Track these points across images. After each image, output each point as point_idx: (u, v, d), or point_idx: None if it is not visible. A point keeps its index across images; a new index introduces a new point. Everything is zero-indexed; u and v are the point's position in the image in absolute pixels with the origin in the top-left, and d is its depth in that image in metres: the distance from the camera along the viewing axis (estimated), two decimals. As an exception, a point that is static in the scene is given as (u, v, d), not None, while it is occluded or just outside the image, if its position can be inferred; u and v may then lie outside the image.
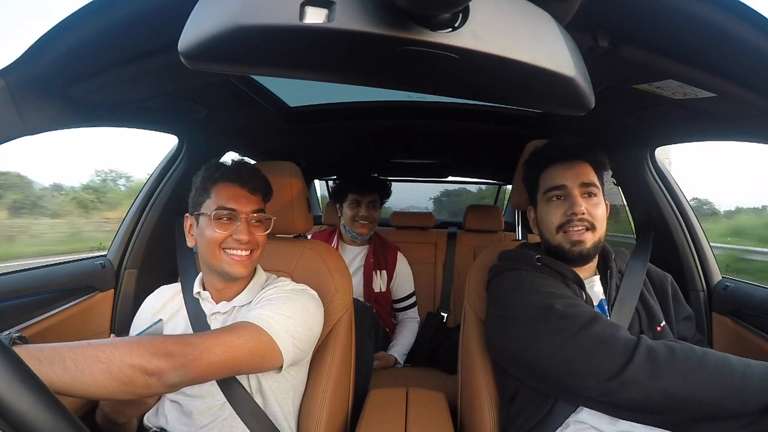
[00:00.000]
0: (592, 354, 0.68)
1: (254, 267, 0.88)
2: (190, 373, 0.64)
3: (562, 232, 0.84)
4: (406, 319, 1.77)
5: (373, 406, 1.00)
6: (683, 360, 0.64)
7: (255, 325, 0.75)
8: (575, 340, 0.69)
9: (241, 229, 0.83)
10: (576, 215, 0.82)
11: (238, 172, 0.86)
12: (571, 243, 0.83)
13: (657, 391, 0.62)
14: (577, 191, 0.83)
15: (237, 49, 0.31)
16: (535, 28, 0.33)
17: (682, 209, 1.25)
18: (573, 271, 0.84)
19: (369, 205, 1.69)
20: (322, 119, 1.44)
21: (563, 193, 0.85)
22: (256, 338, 0.73)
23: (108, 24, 0.57)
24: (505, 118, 1.38)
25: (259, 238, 0.86)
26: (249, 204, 0.85)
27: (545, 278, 0.82)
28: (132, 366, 0.59)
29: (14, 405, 0.37)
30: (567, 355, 0.69)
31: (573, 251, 0.83)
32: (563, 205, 0.84)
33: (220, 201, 0.84)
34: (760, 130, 0.80)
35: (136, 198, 1.35)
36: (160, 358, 0.61)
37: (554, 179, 0.86)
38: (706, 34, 0.53)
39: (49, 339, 1.03)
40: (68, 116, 0.76)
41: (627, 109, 0.97)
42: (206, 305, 0.89)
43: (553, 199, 0.86)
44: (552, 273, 0.84)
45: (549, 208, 0.86)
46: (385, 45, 0.31)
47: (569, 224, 0.83)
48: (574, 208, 0.82)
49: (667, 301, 0.89)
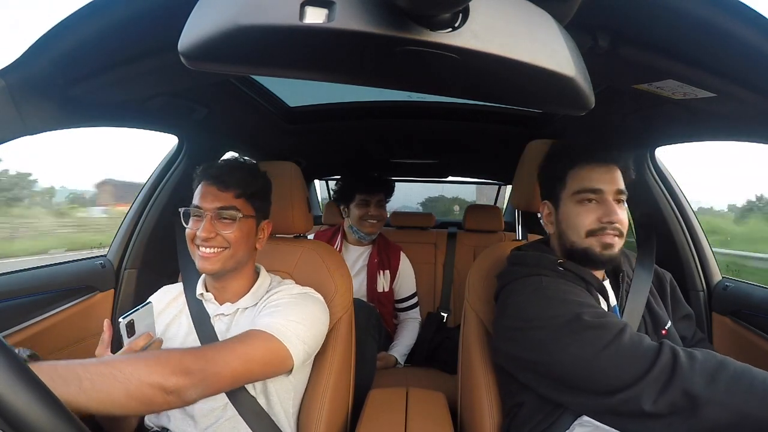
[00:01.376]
0: (622, 364, 0.66)
1: (230, 266, 0.85)
2: (209, 389, 0.65)
3: (594, 237, 0.80)
4: (408, 319, 1.77)
5: (373, 406, 1.00)
6: (702, 363, 0.63)
7: (267, 334, 0.75)
8: (606, 352, 0.67)
9: (203, 226, 0.81)
10: (612, 223, 0.79)
11: (209, 169, 0.86)
12: (603, 246, 0.79)
13: (678, 390, 0.61)
14: (612, 197, 0.81)
15: (237, 49, 0.31)
16: (535, 28, 0.33)
17: (682, 209, 1.25)
18: (596, 278, 0.82)
19: (377, 205, 1.70)
20: (322, 119, 1.44)
21: (598, 197, 0.81)
22: (269, 347, 0.74)
23: (108, 24, 0.57)
24: (505, 118, 1.38)
25: (228, 236, 0.82)
26: (214, 201, 0.83)
27: (569, 285, 0.79)
28: (151, 385, 0.59)
29: (14, 404, 0.37)
30: (599, 367, 0.67)
31: (604, 255, 0.79)
32: (597, 210, 0.80)
33: (194, 199, 0.85)
34: (760, 130, 0.80)
35: (136, 198, 1.35)
36: (178, 375, 0.61)
37: (590, 181, 0.82)
38: (706, 34, 0.53)
39: (49, 339, 1.03)
40: (68, 116, 0.76)
41: (627, 109, 0.97)
42: (210, 306, 0.89)
43: (585, 202, 0.82)
44: (576, 279, 0.81)
45: (580, 210, 0.82)
46: (385, 45, 0.31)
47: (602, 231, 0.80)
48: (611, 216, 0.79)
49: (665, 300, 0.89)
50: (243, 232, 0.85)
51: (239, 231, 0.84)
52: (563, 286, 0.79)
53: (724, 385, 0.60)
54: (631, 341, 0.68)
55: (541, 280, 0.81)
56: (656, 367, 0.63)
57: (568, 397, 0.72)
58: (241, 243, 0.85)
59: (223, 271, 0.85)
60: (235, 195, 0.84)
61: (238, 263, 0.87)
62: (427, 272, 2.07)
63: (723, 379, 0.60)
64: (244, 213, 0.85)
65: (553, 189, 0.87)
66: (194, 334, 0.86)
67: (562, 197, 0.85)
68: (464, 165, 2.38)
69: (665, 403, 0.62)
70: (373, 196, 1.69)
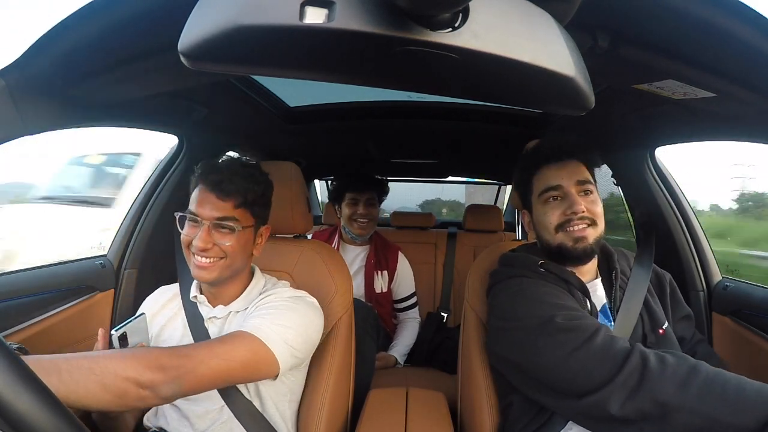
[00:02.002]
0: (590, 367, 0.67)
1: (226, 275, 0.83)
2: (185, 386, 0.65)
3: (563, 231, 0.82)
4: (407, 319, 1.77)
5: (373, 406, 1.00)
6: (674, 368, 0.62)
7: (250, 335, 0.73)
8: (576, 354, 0.68)
9: (200, 236, 0.78)
10: (576, 214, 0.80)
11: (208, 174, 0.81)
12: (574, 240, 0.81)
13: (647, 395, 0.61)
14: (574, 189, 0.82)
15: (237, 49, 0.31)
16: (535, 28, 0.33)
17: (682, 209, 1.25)
18: (577, 278, 0.82)
19: (367, 203, 1.69)
20: (322, 119, 1.44)
21: (559, 193, 0.83)
22: (251, 348, 0.72)
23: (108, 24, 0.57)
24: (505, 118, 1.38)
25: (226, 247, 0.79)
26: (214, 210, 0.79)
27: (549, 286, 0.81)
28: (126, 379, 0.59)
29: (14, 404, 0.37)
30: (569, 369, 0.68)
31: (576, 248, 0.81)
32: (561, 205, 0.82)
33: (191, 203, 0.82)
34: (760, 130, 0.80)
35: (136, 198, 1.35)
36: (153, 371, 0.61)
37: (549, 180, 0.84)
38: (706, 34, 0.53)
39: (49, 339, 1.03)
40: (68, 116, 0.76)
41: (627, 109, 0.97)
42: (203, 309, 0.89)
43: (550, 200, 0.84)
44: (556, 280, 0.82)
45: (546, 209, 0.84)
46: (385, 45, 0.31)
47: (569, 223, 0.81)
48: (574, 207, 0.80)
49: (665, 300, 0.89)
50: (241, 242, 0.82)
51: (237, 242, 0.81)
52: (542, 287, 0.80)
53: (695, 391, 0.60)
54: (602, 344, 0.68)
55: (522, 282, 0.83)
56: (624, 371, 0.63)
57: (549, 400, 0.73)
58: (239, 253, 0.82)
59: (219, 280, 0.83)
60: (235, 205, 0.80)
61: (234, 272, 0.85)
62: (427, 272, 2.07)
63: (695, 385, 0.60)
64: (244, 224, 0.82)
65: (526, 197, 0.91)
66: (189, 337, 0.86)
67: (532, 202, 0.89)
68: (464, 165, 2.38)
69: (633, 408, 0.62)
70: (362, 195, 1.68)
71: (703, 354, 0.90)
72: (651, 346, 0.79)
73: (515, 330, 0.77)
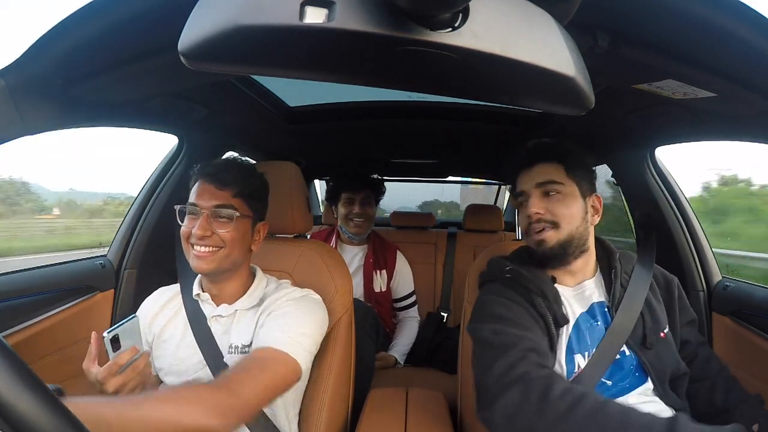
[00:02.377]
0: (490, 385, 0.69)
1: (225, 266, 0.84)
2: (242, 422, 0.70)
3: (528, 235, 0.85)
4: (407, 318, 1.77)
5: (373, 406, 1.00)
6: (555, 400, 0.62)
7: (282, 353, 0.76)
8: (489, 371, 0.70)
9: (199, 224, 0.80)
10: (531, 218, 0.83)
11: (206, 167, 0.85)
12: (536, 243, 0.83)
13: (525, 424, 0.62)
14: (535, 192, 0.84)
15: (237, 49, 0.31)
16: (535, 28, 0.33)
17: (682, 209, 1.25)
18: (542, 286, 0.82)
19: (362, 202, 1.68)
20: (322, 119, 1.44)
21: (524, 198, 0.86)
22: (285, 366, 0.76)
23: (108, 24, 0.57)
24: (505, 118, 1.38)
25: (224, 235, 0.82)
26: (212, 199, 0.82)
27: (508, 293, 0.83)
28: (194, 428, 0.60)
29: (15, 405, 0.37)
30: (481, 384, 0.72)
31: (538, 252, 0.84)
32: (526, 209, 0.85)
33: (190, 197, 0.85)
34: (760, 130, 0.80)
35: (136, 198, 1.35)
36: (215, 417, 0.62)
37: (520, 185, 0.87)
38: (706, 34, 0.53)
39: (49, 339, 1.03)
40: (68, 116, 0.76)
41: (627, 109, 0.97)
42: (206, 307, 0.89)
43: (521, 205, 0.87)
44: (516, 286, 0.84)
45: (519, 213, 0.88)
46: (385, 45, 0.31)
47: (530, 227, 0.83)
48: (529, 210, 0.83)
49: (673, 305, 0.89)
50: (239, 232, 0.84)
51: (235, 231, 0.83)
52: (500, 295, 0.84)
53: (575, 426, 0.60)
54: (503, 367, 0.69)
55: (490, 287, 0.88)
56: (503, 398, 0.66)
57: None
58: (237, 243, 0.84)
59: (219, 271, 0.84)
60: (233, 194, 0.83)
61: (233, 264, 0.86)
62: (427, 272, 2.07)
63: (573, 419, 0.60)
64: (241, 212, 0.84)
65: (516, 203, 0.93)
66: (191, 335, 0.86)
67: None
68: (464, 165, 2.38)
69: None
70: (358, 194, 1.68)
71: (703, 356, 0.90)
72: (650, 347, 0.80)
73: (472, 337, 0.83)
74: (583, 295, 0.86)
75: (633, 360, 0.80)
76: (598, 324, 0.83)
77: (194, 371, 0.85)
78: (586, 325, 0.82)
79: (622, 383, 0.79)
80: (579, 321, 0.82)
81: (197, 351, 0.85)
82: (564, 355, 0.80)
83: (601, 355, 0.78)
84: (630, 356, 0.80)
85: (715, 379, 0.87)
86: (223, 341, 0.86)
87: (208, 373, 0.83)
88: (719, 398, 0.83)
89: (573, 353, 0.80)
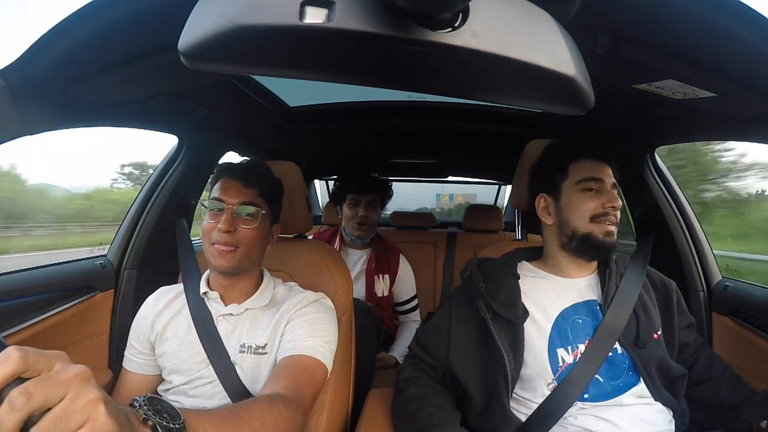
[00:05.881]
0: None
1: (245, 265, 0.86)
2: None
3: (597, 223, 0.84)
4: (408, 321, 1.76)
5: (373, 406, 1.00)
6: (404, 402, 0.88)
7: (318, 361, 0.80)
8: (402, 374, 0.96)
9: (224, 218, 0.81)
10: (615, 209, 0.84)
11: (230, 165, 0.88)
12: (605, 233, 0.84)
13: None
14: (609, 184, 0.86)
15: (237, 49, 0.31)
16: (535, 28, 0.33)
17: (682, 209, 1.25)
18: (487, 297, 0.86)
19: (368, 205, 1.67)
20: (322, 119, 1.44)
21: (600, 186, 0.86)
22: (323, 375, 0.81)
23: (108, 24, 0.57)
24: (505, 118, 1.38)
25: (247, 232, 0.83)
26: (238, 195, 0.84)
27: (456, 301, 0.93)
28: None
29: None
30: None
31: (606, 242, 0.84)
32: (600, 197, 0.85)
33: (214, 193, 0.86)
34: (760, 130, 0.80)
35: (136, 198, 1.35)
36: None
37: (591, 171, 0.86)
38: (706, 34, 0.53)
39: (49, 339, 1.03)
40: (68, 116, 0.76)
41: (627, 109, 0.97)
42: (213, 306, 0.89)
43: (588, 190, 0.86)
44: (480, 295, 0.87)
45: (585, 196, 0.86)
46: (385, 45, 0.31)
47: (606, 216, 0.84)
48: (613, 202, 0.84)
49: (671, 309, 0.89)
50: (261, 231, 0.86)
51: (258, 230, 0.85)
52: (446, 306, 0.96)
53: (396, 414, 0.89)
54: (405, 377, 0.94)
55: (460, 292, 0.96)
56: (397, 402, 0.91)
57: None
58: (257, 242, 0.86)
59: (238, 269, 0.85)
60: (258, 193, 0.86)
61: (252, 262, 0.88)
62: (426, 272, 2.07)
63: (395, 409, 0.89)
64: (264, 211, 0.87)
65: (552, 180, 0.91)
66: (194, 333, 0.86)
67: (563, 188, 0.89)
68: (464, 165, 2.38)
69: None
70: (363, 196, 1.66)
71: (705, 358, 0.90)
72: (643, 346, 0.80)
73: None
74: (572, 290, 0.87)
75: (626, 359, 0.81)
76: (581, 320, 0.83)
77: (197, 370, 0.85)
78: (568, 321, 0.83)
79: (615, 382, 0.79)
80: (559, 317, 0.84)
81: (201, 349, 0.85)
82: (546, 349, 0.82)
83: (593, 351, 0.79)
84: (622, 354, 0.81)
85: (719, 379, 0.87)
86: (231, 340, 0.86)
87: (211, 372, 0.83)
88: (725, 397, 0.84)
89: (555, 347, 0.82)
